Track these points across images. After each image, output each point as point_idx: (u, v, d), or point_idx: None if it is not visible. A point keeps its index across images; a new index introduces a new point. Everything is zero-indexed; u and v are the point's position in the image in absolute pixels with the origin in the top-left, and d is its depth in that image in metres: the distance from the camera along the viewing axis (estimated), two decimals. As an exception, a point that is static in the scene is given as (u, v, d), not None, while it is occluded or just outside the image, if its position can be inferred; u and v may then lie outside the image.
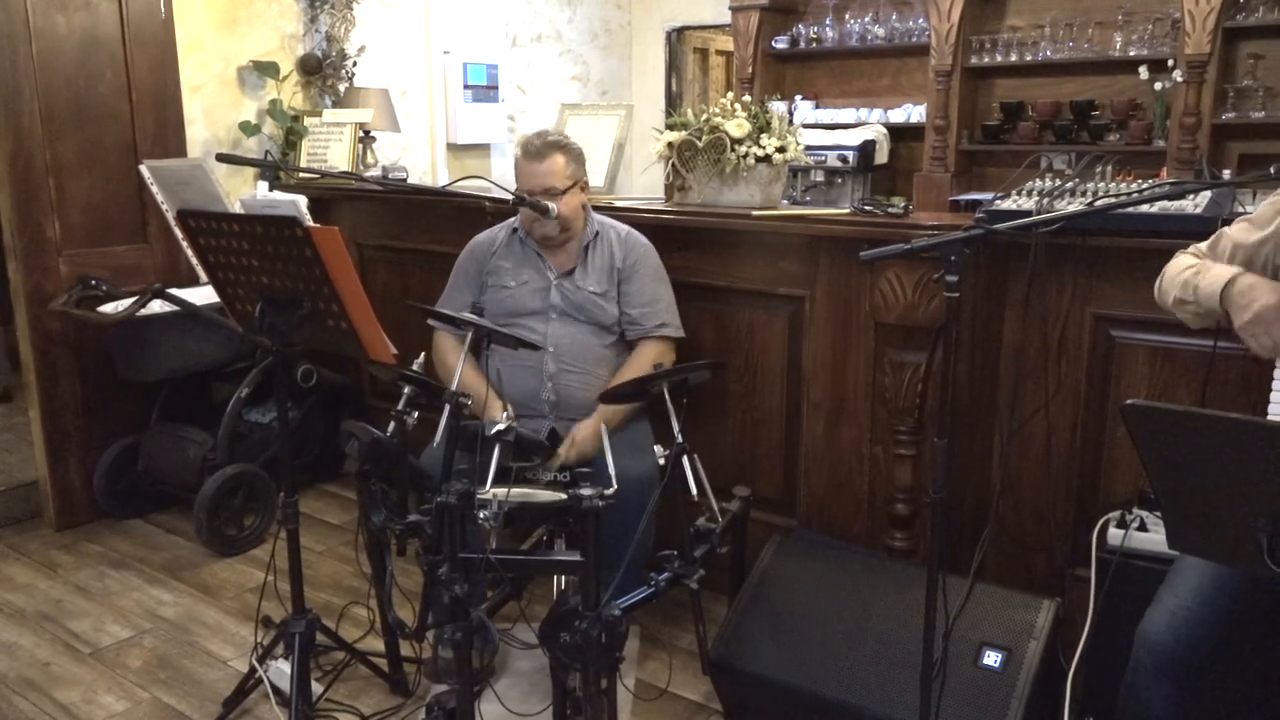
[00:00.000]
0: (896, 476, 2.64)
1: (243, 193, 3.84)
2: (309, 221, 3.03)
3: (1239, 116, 4.25)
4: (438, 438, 2.25)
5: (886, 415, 2.65)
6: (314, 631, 2.40)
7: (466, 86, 5.62)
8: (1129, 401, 1.31)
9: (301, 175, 4.04)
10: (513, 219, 2.81)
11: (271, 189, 3.61)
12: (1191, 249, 1.92)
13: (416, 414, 2.37)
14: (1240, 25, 4.17)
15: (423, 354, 2.52)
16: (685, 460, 2.32)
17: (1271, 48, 4.23)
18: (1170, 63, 4.29)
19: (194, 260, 2.84)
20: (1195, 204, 2.20)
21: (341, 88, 4.50)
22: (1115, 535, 2.15)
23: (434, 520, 2.09)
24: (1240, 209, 2.38)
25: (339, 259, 2.03)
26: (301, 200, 3.14)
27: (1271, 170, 1.57)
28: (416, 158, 5.47)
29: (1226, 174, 4.11)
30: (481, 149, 5.91)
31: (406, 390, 2.36)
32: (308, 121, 4.25)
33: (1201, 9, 4.06)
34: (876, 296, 2.50)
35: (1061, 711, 2.12)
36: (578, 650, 1.98)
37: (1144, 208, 2.20)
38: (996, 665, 2.12)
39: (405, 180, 4.12)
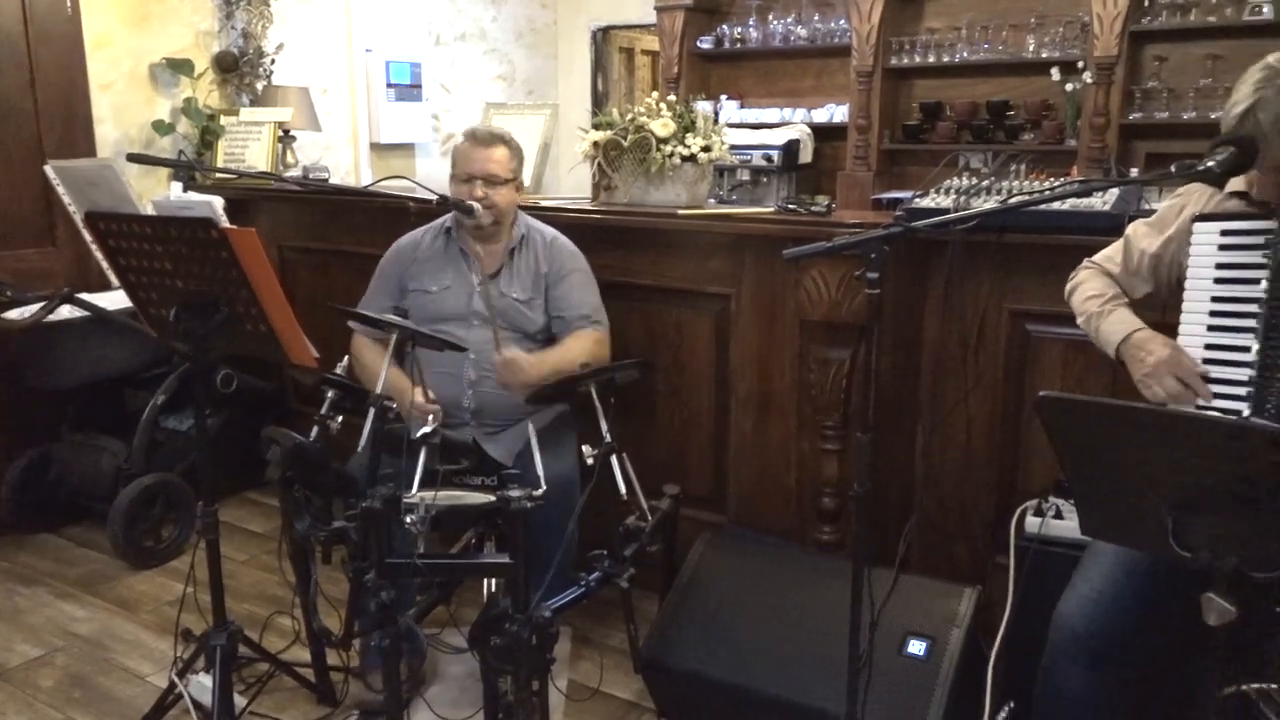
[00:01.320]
0: (823, 471, 2.68)
1: (156, 194, 3.73)
2: (225, 223, 2.96)
3: (1145, 117, 4.41)
4: (362, 442, 2.21)
5: (812, 411, 2.68)
6: (236, 643, 2.34)
7: (389, 85, 5.54)
8: (1042, 394, 1.35)
9: (218, 176, 3.93)
10: (443, 219, 2.77)
11: (186, 190, 3.52)
12: (1100, 258, 1.99)
13: (340, 418, 2.33)
14: (1146, 29, 4.32)
15: (346, 357, 2.48)
16: (614, 459, 2.32)
17: (1175, 50, 4.39)
18: (1080, 64, 4.43)
19: (104, 264, 2.75)
20: (1104, 201, 2.28)
21: (259, 86, 4.40)
22: (1033, 523, 2.21)
23: (360, 526, 2.06)
24: (1146, 206, 2.47)
25: (257, 261, 1.98)
26: (218, 201, 3.07)
27: (1172, 169, 1.62)
28: (339, 157, 5.38)
29: (1134, 172, 4.26)
30: (406, 148, 5.84)
31: (330, 394, 2.32)
32: (224, 120, 4.14)
33: (1109, 12, 4.20)
34: (801, 294, 2.53)
35: (983, 696, 2.17)
36: (508, 653, 1.97)
37: (1055, 205, 2.28)
38: (921, 653, 2.17)
39: (327, 180, 4.05)
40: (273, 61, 4.45)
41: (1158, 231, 1.89)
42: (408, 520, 1.99)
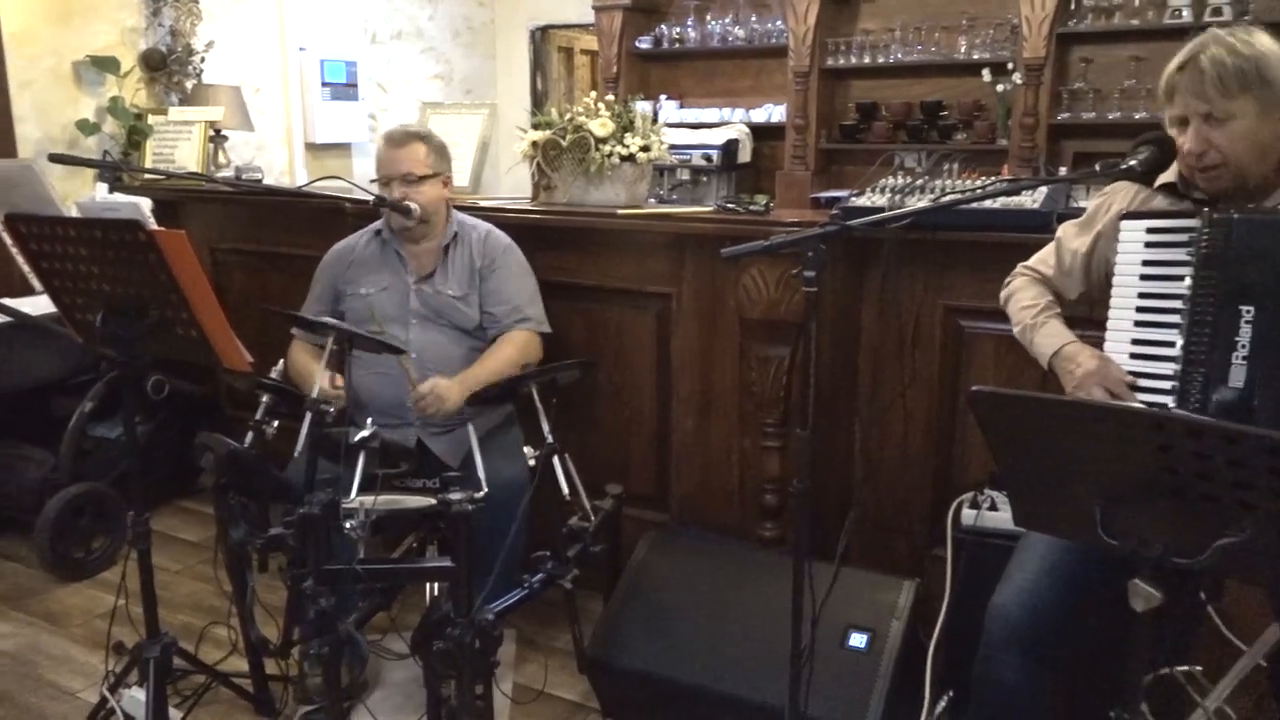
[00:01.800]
0: (765, 468, 2.70)
1: (81, 195, 3.62)
2: (153, 224, 2.89)
3: (1073, 117, 4.52)
4: (299, 447, 2.18)
5: (754, 409, 2.70)
6: (170, 655, 2.28)
7: (324, 84, 5.46)
8: (975, 388, 1.37)
9: (146, 177, 3.83)
10: (376, 222, 2.74)
11: (112, 191, 3.42)
12: (1034, 262, 2.03)
13: (277, 423, 2.29)
14: (1072, 31, 4.44)
15: (281, 361, 2.44)
16: (556, 460, 2.32)
17: (1100, 52, 4.51)
18: (1010, 66, 4.53)
19: (26, 268, 2.66)
20: (1033, 199, 2.33)
21: (189, 84, 4.31)
22: (969, 515, 2.25)
23: (298, 532, 2.02)
24: (1075, 204, 2.54)
25: (186, 264, 1.93)
26: (145, 203, 2.99)
27: (1096, 167, 1.67)
28: (273, 158, 5.28)
29: (1063, 171, 4.37)
30: (342, 148, 5.75)
31: (265, 399, 2.27)
32: (152, 120, 4.04)
33: (1037, 15, 4.30)
34: (741, 293, 2.54)
35: (923, 686, 2.21)
36: (452, 658, 1.95)
37: (987, 203, 2.33)
38: (862, 646, 2.20)
39: (260, 181, 3.97)
40: (202, 59, 4.36)
41: (1086, 230, 1.94)
42: (347, 526, 1.96)
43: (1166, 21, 4.25)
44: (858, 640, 2.21)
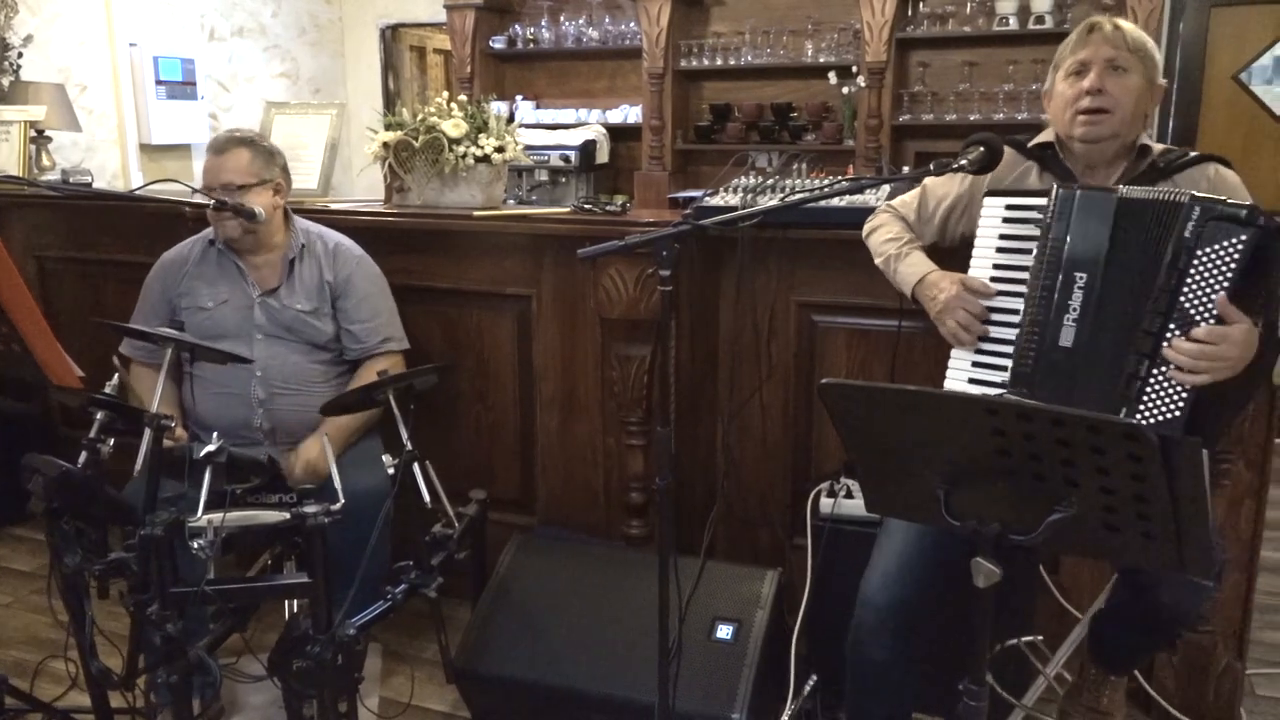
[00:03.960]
0: (629, 466, 2.72)
1: (-117, 201, 3.33)
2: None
3: (913, 118, 4.74)
4: (138, 465, 2.06)
5: (617, 408, 2.72)
6: (2, 694, 2.12)
7: (159, 82, 5.18)
8: (823, 380, 1.42)
9: (-42, 181, 3.56)
10: (206, 230, 2.61)
11: (-81, 196, 3.15)
12: (898, 203, 2.14)
13: (113, 441, 2.15)
14: (910, 36, 4.65)
15: (115, 375, 2.30)
16: (416, 467, 2.27)
17: (936, 57, 4.75)
18: (854, 69, 4.71)
19: None
20: (877, 197, 2.43)
21: (5, 82, 4.01)
22: (826, 504, 2.33)
23: (139, 555, 1.91)
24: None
25: (5, 274, 1.80)
26: (-42, 209, 2.77)
27: (931, 166, 1.76)
28: (105, 159, 4.99)
29: (906, 169, 4.57)
30: (181, 150, 5.48)
31: (99, 416, 2.13)
32: (-36, 120, 3.75)
33: (877, 20, 4.48)
34: (600, 293, 2.55)
35: (788, 671, 2.27)
36: (312, 676, 1.89)
37: (835, 201, 2.41)
38: (729, 637, 2.24)
39: (90, 185, 3.73)
40: (20, 55, 4.07)
41: (951, 182, 2.06)
42: (195, 545, 1.87)
43: (995, 29, 4.51)
44: (724, 632, 2.25)
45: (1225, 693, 2.39)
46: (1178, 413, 1.65)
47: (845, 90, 4.78)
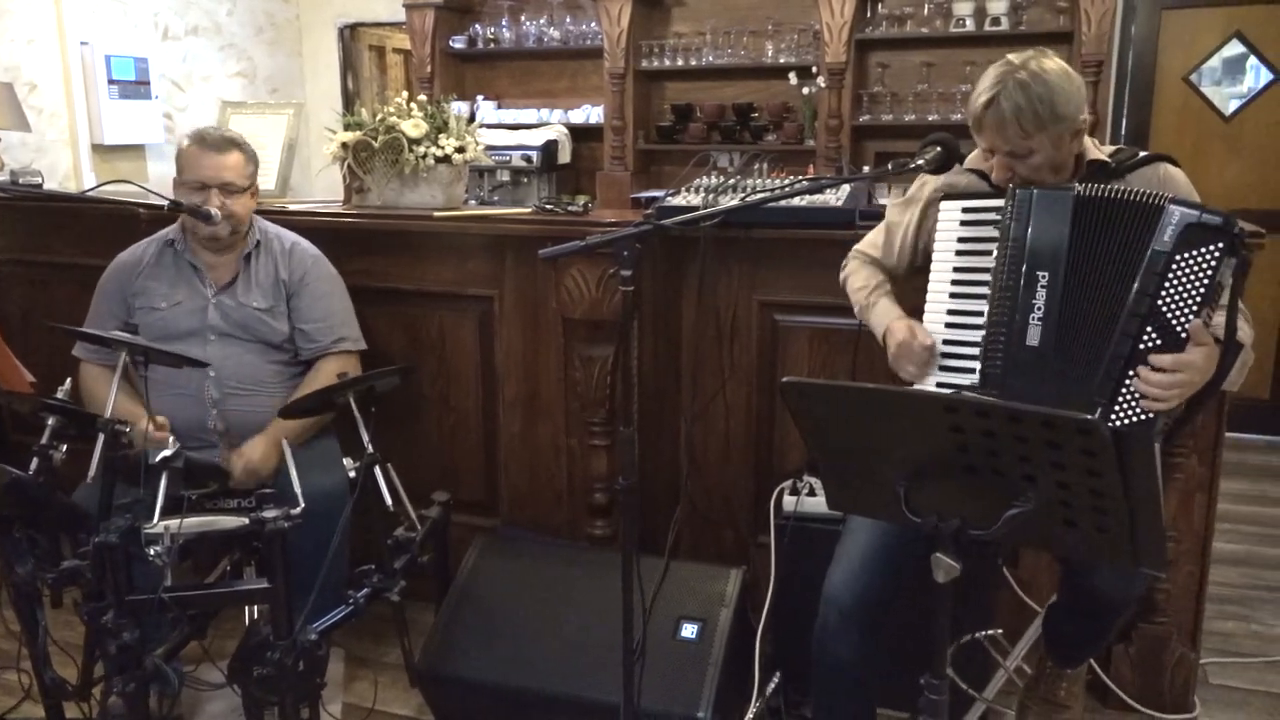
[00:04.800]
0: (593, 467, 2.71)
1: None
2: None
3: (873, 119, 4.78)
4: (92, 471, 2.02)
5: (580, 408, 2.71)
6: (-49, 708, 2.08)
7: (112, 81, 5.08)
8: (785, 379, 1.42)
9: (-97, 182, 3.47)
10: (164, 230, 2.58)
11: None
12: (865, 245, 2.14)
13: (65, 447, 2.11)
14: (869, 37, 4.68)
15: (68, 380, 2.25)
16: (378, 470, 2.25)
17: (895, 58, 4.79)
18: (814, 70, 4.73)
19: None
20: (836, 197, 2.45)
21: (-49, 81, 3.92)
22: (789, 502, 2.34)
23: (94, 563, 1.88)
24: (877, 201, 2.69)
25: (-49, 277, 1.76)
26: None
27: (889, 166, 1.78)
28: (56, 160, 4.89)
29: (867, 169, 4.60)
30: (135, 150, 5.38)
31: (51, 421, 2.09)
32: (-91, 119, 3.66)
33: (837, 21, 4.51)
34: (563, 293, 2.55)
35: (753, 668, 2.28)
36: (273, 682, 1.87)
37: (795, 201, 2.42)
38: (693, 636, 2.25)
39: (40, 186, 3.66)
40: (-34, 53, 3.98)
41: (909, 207, 2.07)
42: (151, 552, 1.84)
43: (952, 30, 4.55)
44: (689, 631, 2.25)
45: (1180, 682, 2.44)
46: (1153, 414, 1.68)
47: (805, 91, 4.80)
